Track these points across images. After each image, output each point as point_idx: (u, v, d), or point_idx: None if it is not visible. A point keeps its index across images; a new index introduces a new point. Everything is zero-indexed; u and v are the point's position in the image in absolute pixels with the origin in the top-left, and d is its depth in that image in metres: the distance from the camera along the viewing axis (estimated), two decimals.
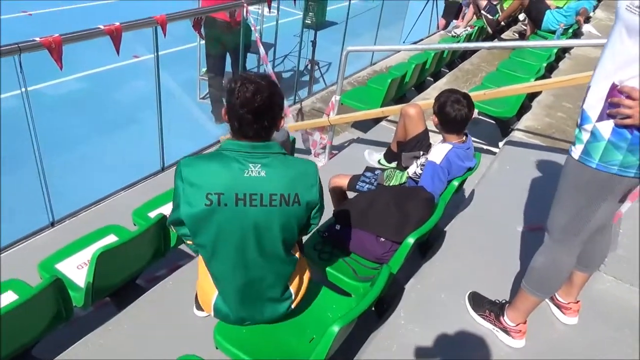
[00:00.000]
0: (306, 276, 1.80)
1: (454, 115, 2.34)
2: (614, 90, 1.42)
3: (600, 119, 1.47)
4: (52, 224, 3.09)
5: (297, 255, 1.73)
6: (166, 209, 2.61)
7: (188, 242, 1.67)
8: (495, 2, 7.44)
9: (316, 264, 2.10)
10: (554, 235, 1.75)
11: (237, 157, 1.49)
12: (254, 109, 1.46)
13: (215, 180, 1.47)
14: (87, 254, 2.16)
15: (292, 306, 1.74)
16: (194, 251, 1.74)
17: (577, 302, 2.11)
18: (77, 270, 2.20)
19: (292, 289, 1.72)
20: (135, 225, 2.55)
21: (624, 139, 1.44)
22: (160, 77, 3.56)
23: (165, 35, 3.43)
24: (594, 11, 7.48)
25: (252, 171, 1.48)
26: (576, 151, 1.56)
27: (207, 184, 1.46)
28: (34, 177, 2.90)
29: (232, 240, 1.53)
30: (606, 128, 1.46)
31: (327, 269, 2.09)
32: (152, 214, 2.51)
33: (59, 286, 1.81)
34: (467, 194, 3.07)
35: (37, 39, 2.62)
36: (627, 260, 2.48)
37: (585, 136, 1.52)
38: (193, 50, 5.57)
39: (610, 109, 1.44)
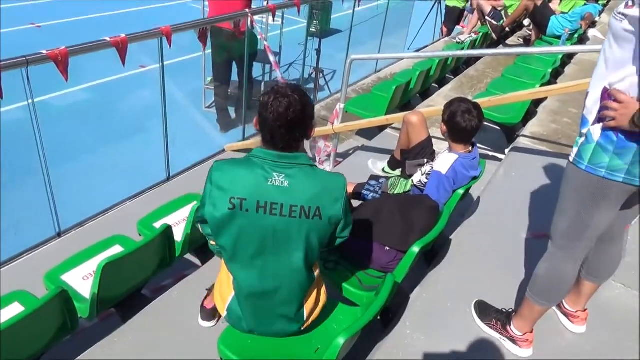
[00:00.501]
0: (322, 299, 1.77)
1: (464, 126, 2.34)
2: (606, 93, 1.46)
3: (595, 122, 1.51)
4: (59, 235, 3.11)
5: (316, 274, 1.72)
6: (171, 219, 2.63)
7: (211, 242, 1.70)
8: (499, 8, 7.43)
9: (321, 274, 2.09)
10: (556, 242, 1.75)
11: (263, 165, 1.52)
12: (287, 123, 1.49)
13: (240, 185, 1.51)
14: (93, 265, 2.17)
15: (302, 328, 1.73)
16: (216, 252, 1.75)
17: (585, 310, 2.08)
18: (82, 281, 2.21)
19: (306, 309, 1.70)
20: (140, 235, 2.56)
21: (610, 142, 1.47)
22: (166, 87, 3.60)
23: (170, 45, 3.47)
24: (599, 16, 7.45)
25: (275, 180, 1.51)
26: (572, 154, 1.59)
27: (232, 188, 1.51)
28: (41, 187, 2.93)
29: (251, 246, 1.56)
30: (597, 131, 1.50)
31: (333, 278, 2.08)
32: (158, 224, 2.52)
33: (64, 298, 1.82)
34: (472, 201, 3.05)
35: (44, 51, 2.65)
36: (637, 268, 2.45)
37: (581, 139, 1.55)
38: (199, 60, 5.61)
39: (601, 112, 1.48)
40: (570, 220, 1.66)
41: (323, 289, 1.78)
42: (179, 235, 2.43)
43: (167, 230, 2.19)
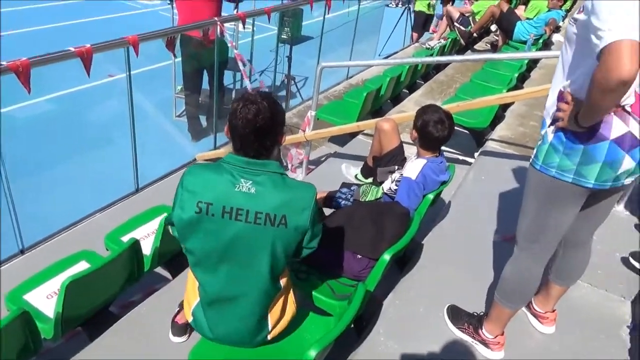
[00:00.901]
0: (290, 309, 1.75)
1: (437, 136, 2.40)
2: (561, 95, 1.51)
3: (551, 123, 1.55)
4: (22, 252, 2.99)
5: (282, 283, 1.70)
6: (140, 232, 2.57)
7: (183, 244, 1.68)
8: (467, 14, 7.60)
9: (293, 284, 2.07)
10: (520, 244, 1.79)
11: (232, 170, 1.52)
12: (256, 130, 1.49)
13: (207, 190, 1.51)
14: (57, 283, 2.09)
15: (268, 337, 1.71)
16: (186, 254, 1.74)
17: (554, 311, 2.13)
18: (46, 300, 2.13)
19: (271, 319, 1.68)
20: (108, 250, 2.49)
21: (561, 142, 1.51)
22: (136, 96, 3.53)
23: (137, 55, 3.41)
24: (563, 21, 7.69)
25: (242, 186, 1.51)
26: (532, 155, 1.64)
27: (200, 192, 1.51)
28: (2, 202, 2.82)
29: (216, 251, 1.55)
30: (551, 131, 1.54)
31: (305, 288, 2.07)
32: (125, 238, 2.45)
33: (26, 319, 1.75)
34: (443, 205, 3.08)
35: (4, 62, 2.57)
36: (602, 267, 2.52)
37: (540, 140, 1.60)
38: (169, 68, 5.52)
39: (554, 113, 1.53)
40: (530, 220, 1.70)
41: (291, 299, 1.76)
42: (148, 248, 2.38)
43: (135, 245, 2.14)
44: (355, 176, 3.41)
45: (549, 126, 1.56)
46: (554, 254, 1.83)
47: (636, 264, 2.54)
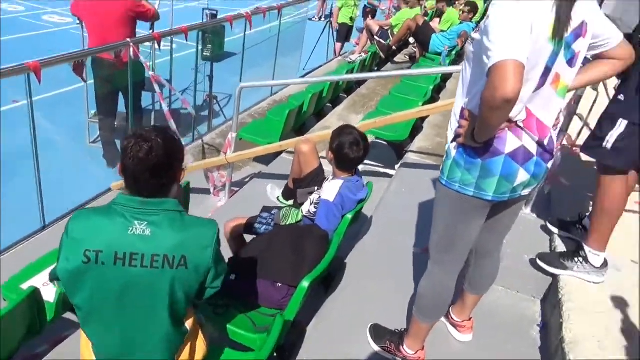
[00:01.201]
0: (200, 351, 1.66)
1: (353, 157, 2.44)
2: (462, 112, 1.58)
3: (453, 139, 1.61)
4: None
5: (188, 325, 1.61)
6: (40, 279, 2.36)
7: (71, 300, 1.54)
8: (386, 28, 7.88)
9: (211, 320, 2.00)
10: (432, 257, 1.85)
11: (124, 212, 1.42)
12: (149, 169, 1.40)
13: (96, 236, 1.40)
14: None
15: None
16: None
17: (470, 319, 2.21)
18: None
19: None
20: (5, 300, 2.27)
21: (462, 157, 1.58)
22: (44, 123, 3.29)
23: (40, 82, 3.19)
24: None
25: (136, 229, 1.41)
26: (439, 171, 1.69)
27: (87, 239, 1.39)
28: None
29: (108, 302, 1.44)
30: (454, 147, 1.61)
31: (223, 323, 2.00)
32: (26, 285, 2.25)
33: None
34: (366, 220, 3.13)
35: None
36: (512, 269, 2.65)
37: (445, 156, 1.66)
38: (81, 91, 5.20)
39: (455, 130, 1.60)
40: (440, 234, 1.76)
41: (200, 340, 1.68)
42: (52, 294, 2.19)
43: (34, 294, 1.95)
44: (277, 198, 3.39)
45: (451, 142, 1.63)
46: (466, 264, 1.90)
47: (543, 265, 2.69)
